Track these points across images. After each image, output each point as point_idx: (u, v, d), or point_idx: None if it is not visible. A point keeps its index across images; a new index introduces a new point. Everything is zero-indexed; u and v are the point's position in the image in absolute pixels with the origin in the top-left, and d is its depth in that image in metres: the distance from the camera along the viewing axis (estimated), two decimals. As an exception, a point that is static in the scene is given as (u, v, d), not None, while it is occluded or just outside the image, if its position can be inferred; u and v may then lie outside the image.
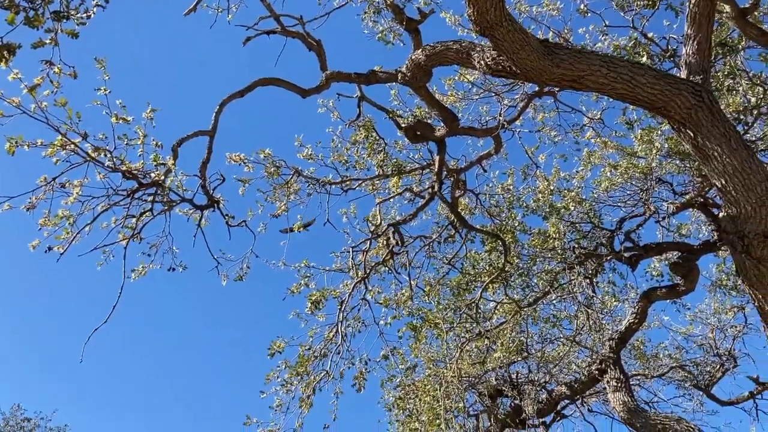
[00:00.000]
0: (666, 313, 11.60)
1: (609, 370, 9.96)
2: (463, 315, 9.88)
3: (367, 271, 7.74)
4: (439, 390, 9.09)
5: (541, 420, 12.44)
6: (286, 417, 6.82)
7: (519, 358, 11.63)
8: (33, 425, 24.14)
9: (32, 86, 4.36)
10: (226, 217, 6.39)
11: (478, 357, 11.08)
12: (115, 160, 5.21)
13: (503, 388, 12.08)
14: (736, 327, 11.12)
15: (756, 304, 5.74)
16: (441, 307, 9.79)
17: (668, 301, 10.65)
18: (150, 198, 5.99)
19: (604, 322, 10.90)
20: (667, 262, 10.27)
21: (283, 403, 6.99)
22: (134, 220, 6.04)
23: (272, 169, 7.24)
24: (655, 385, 12.43)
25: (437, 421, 9.13)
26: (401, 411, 10.42)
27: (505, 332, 10.56)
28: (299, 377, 7.13)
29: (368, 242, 7.75)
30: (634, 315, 10.20)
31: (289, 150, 7.90)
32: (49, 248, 6.28)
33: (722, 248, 9.85)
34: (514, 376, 12.06)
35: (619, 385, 9.68)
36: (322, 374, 6.99)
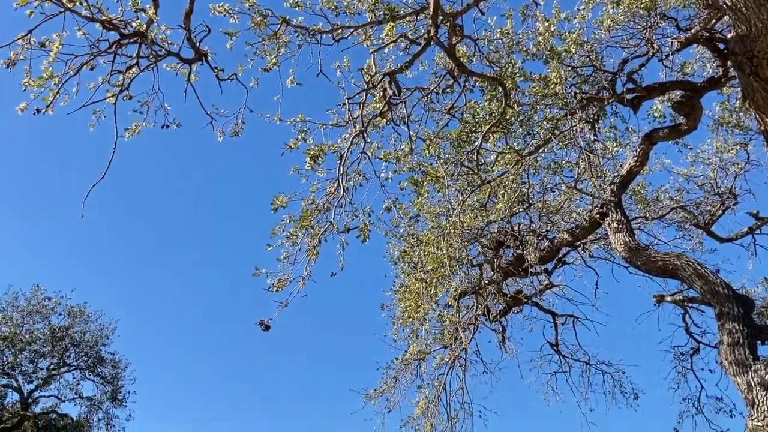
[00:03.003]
0: (667, 156, 11.55)
1: (610, 213, 10.06)
2: (463, 167, 9.83)
3: (365, 124, 7.59)
4: (443, 240, 9.23)
5: (543, 267, 12.79)
6: (293, 268, 6.95)
7: (520, 209, 11.74)
8: (54, 303, 25.04)
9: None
10: (216, 70, 6.18)
11: (480, 209, 11.17)
12: (92, 8, 4.93)
13: (505, 239, 12.29)
14: (737, 165, 11.11)
15: (761, 128, 5.64)
16: (441, 161, 9.73)
17: (670, 142, 10.58)
18: (135, 52, 5.76)
19: (605, 168, 10.90)
20: (669, 103, 10.08)
21: (290, 255, 7.11)
22: (121, 76, 5.84)
23: (259, 19, 6.90)
24: (655, 229, 12.66)
25: (442, 269, 9.35)
26: (406, 264, 10.67)
27: (506, 183, 10.57)
28: (304, 230, 7.20)
29: (364, 94, 7.55)
30: (636, 158, 10.17)
31: (276, -2, 7.50)
32: (37, 110, 6.14)
33: (726, 84, 9.64)
34: (515, 228, 12.24)
35: (620, 226, 9.80)
36: (327, 225, 7.05)
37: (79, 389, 25.13)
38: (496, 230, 11.97)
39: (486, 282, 11.99)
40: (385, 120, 7.83)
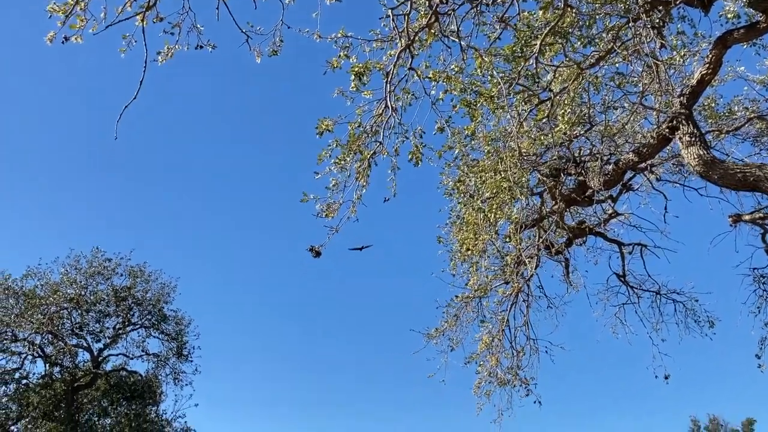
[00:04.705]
0: (741, 63, 10.56)
1: (681, 126, 9.29)
2: (519, 86, 9.16)
3: (411, 38, 7.03)
4: (500, 164, 8.67)
5: (607, 194, 12.09)
6: (344, 194, 6.55)
7: (581, 131, 11.04)
8: (114, 264, 25.54)
9: None
10: (248, -19, 5.70)
11: (538, 133, 10.52)
12: None
13: (565, 166, 11.63)
14: (823, 65, 10.08)
15: None
16: (494, 81, 9.09)
17: (746, 45, 9.65)
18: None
19: (672, 80, 10.06)
20: (744, 1, 9.14)
21: (339, 182, 6.70)
22: (147, -7, 5.44)
23: (291, -73, 6.36)
24: (727, 145, 11.75)
25: (501, 195, 8.82)
26: (461, 194, 10.16)
27: (566, 101, 9.87)
28: (352, 155, 6.76)
29: (408, 3, 6.95)
30: (707, 65, 9.31)
31: None
32: (65, 38, 5.84)
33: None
34: (576, 153, 11.55)
35: (693, 139, 9.04)
36: (377, 146, 6.59)
37: (145, 346, 25.83)
38: (555, 156, 11.31)
39: (547, 212, 11.41)
40: (432, 32, 7.22)
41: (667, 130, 9.45)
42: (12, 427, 23.64)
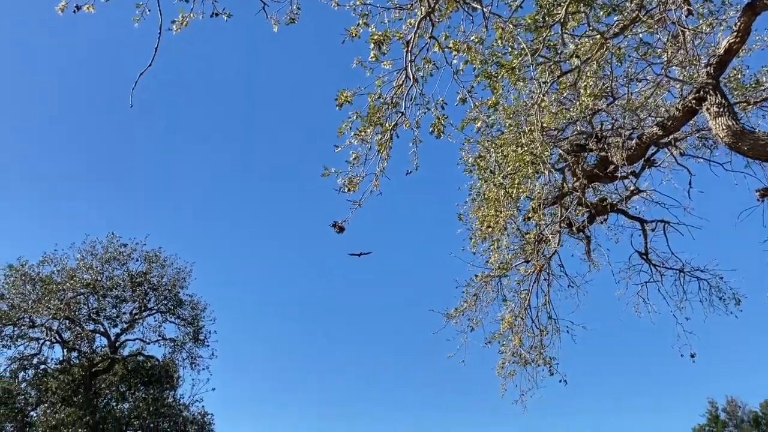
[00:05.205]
0: (770, 31, 10.21)
1: (708, 96, 9.00)
2: (540, 57, 8.90)
3: (432, 5, 6.80)
4: (523, 137, 8.43)
5: (630, 169, 11.81)
6: (365, 167, 6.37)
7: (604, 105, 10.76)
8: (130, 249, 25.55)
9: None
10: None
11: (560, 108, 10.26)
12: None
13: (587, 142, 11.37)
14: None
15: None
16: (515, 53, 8.84)
17: (776, 11, 9.31)
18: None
19: (698, 51, 9.76)
20: (774, -36, 8.81)
21: (360, 155, 6.52)
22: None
23: None
24: (753, 118, 11.41)
25: (524, 169, 8.60)
26: (482, 170, 9.95)
27: (589, 74, 9.60)
28: (373, 127, 6.57)
29: (429, -32, 6.72)
30: (736, 33, 8.99)
31: None
32: (77, 8, 5.69)
33: None
34: (598, 128, 11.27)
35: (722, 110, 8.75)
36: (399, 117, 6.39)
37: (162, 331, 25.89)
38: (577, 131, 11.06)
39: (569, 188, 11.17)
40: (453, 1, 7.00)
41: (693, 102, 9.17)
42: (31, 412, 23.82)
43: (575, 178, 11.36)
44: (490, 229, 9.94)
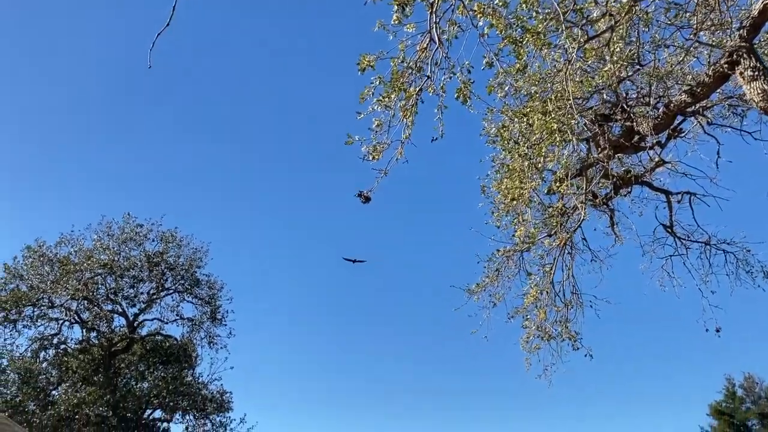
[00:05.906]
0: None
1: (742, 60, 8.65)
2: (566, 21, 8.58)
3: (457, -36, 6.51)
4: (549, 104, 8.15)
5: (656, 139, 11.48)
6: (389, 134, 6.15)
7: (630, 72, 10.43)
8: (146, 230, 25.55)
9: None
10: None
11: (585, 76, 9.95)
12: None
13: (612, 111, 11.05)
14: None
15: None
16: (540, 17, 8.53)
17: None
18: None
19: (728, 15, 9.39)
20: None
21: (383, 123, 6.30)
22: None
23: None
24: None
25: (550, 137, 8.33)
26: (505, 141, 9.68)
27: (615, 39, 9.27)
28: (396, 93, 6.33)
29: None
30: (771, -6, 8.63)
31: None
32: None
33: None
34: (623, 96, 10.95)
35: (757, 74, 8.39)
36: (424, 80, 6.15)
37: (179, 311, 25.97)
38: (602, 100, 10.74)
39: (594, 158, 10.88)
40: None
41: (725, 66, 8.82)
42: (53, 391, 24.02)
43: (599, 149, 11.07)
44: (514, 202, 9.70)
